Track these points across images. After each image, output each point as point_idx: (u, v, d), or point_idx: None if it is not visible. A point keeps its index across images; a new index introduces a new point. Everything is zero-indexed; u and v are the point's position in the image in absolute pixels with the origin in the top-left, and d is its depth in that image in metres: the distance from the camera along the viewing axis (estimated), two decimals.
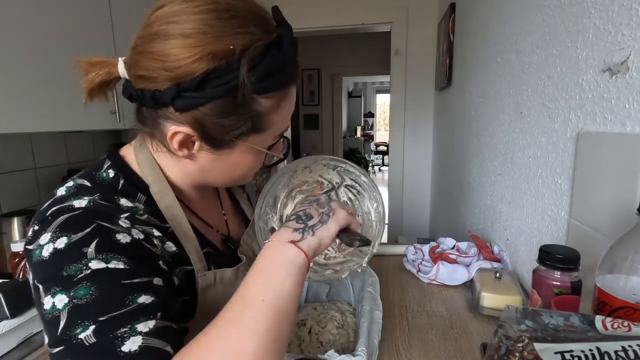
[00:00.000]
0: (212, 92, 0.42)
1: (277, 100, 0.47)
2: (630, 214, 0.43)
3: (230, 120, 0.45)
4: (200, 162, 0.51)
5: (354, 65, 4.81)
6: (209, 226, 0.61)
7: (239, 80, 0.42)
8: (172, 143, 0.47)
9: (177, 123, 0.45)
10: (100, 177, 0.50)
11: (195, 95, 0.42)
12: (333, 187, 0.63)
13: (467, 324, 0.69)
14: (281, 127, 0.51)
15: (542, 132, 0.77)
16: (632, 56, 0.50)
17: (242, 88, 0.42)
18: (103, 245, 0.41)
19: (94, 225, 0.42)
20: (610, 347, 0.33)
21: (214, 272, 0.54)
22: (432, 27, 2.27)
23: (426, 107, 2.40)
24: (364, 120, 8.11)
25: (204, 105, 0.43)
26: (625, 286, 0.39)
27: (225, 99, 0.43)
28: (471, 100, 1.38)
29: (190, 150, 0.49)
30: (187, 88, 0.42)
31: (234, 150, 0.49)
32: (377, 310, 0.62)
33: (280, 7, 0.51)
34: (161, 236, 0.49)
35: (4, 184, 1.38)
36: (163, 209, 0.52)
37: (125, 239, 0.43)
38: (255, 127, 0.47)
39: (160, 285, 0.43)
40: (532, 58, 0.82)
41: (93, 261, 0.39)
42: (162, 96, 0.43)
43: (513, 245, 0.91)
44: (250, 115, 0.46)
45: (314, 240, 0.45)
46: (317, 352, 0.59)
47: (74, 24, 1.28)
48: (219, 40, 0.41)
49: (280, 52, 0.44)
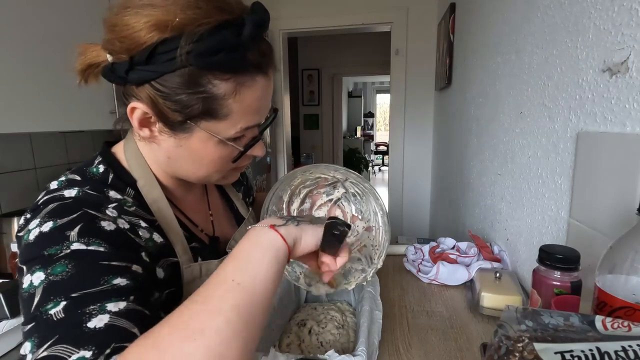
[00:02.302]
0: (161, 67, 0.43)
1: (234, 85, 0.46)
2: (630, 214, 0.43)
3: (181, 98, 0.45)
4: (164, 146, 0.51)
5: (354, 65, 4.81)
6: (194, 225, 0.62)
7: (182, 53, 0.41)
8: (132, 121, 0.48)
9: (135, 100, 0.46)
10: (91, 172, 0.52)
11: (146, 69, 0.43)
12: (338, 180, 0.63)
13: (467, 324, 0.69)
14: (245, 119, 0.49)
15: (542, 132, 0.77)
16: (632, 56, 0.50)
17: (185, 61, 0.42)
18: (86, 230, 0.42)
19: (81, 212, 0.44)
20: (610, 347, 0.33)
21: (199, 264, 0.55)
22: (432, 27, 2.27)
23: (426, 107, 2.40)
24: (364, 120, 8.11)
25: (155, 80, 0.44)
26: (625, 286, 0.39)
27: (175, 74, 0.43)
28: (471, 100, 1.38)
29: (153, 132, 0.49)
30: (139, 60, 0.43)
31: (192, 136, 0.48)
32: (377, 310, 0.62)
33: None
34: (148, 227, 0.51)
35: (4, 184, 1.38)
36: (149, 202, 0.53)
37: (110, 226, 0.44)
38: (209, 111, 0.46)
39: (138, 272, 0.44)
40: (532, 58, 0.82)
41: (75, 243, 0.41)
42: (118, 69, 0.44)
43: (513, 245, 0.91)
44: (203, 96, 0.45)
45: (295, 230, 0.44)
46: (317, 352, 0.59)
47: (74, 23, 1.28)
48: (169, 12, 0.42)
49: (236, 34, 0.43)
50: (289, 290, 0.70)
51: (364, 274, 0.61)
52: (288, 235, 0.43)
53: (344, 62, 4.81)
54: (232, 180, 0.59)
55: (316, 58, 4.82)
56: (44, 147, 1.56)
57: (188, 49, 0.41)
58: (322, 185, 0.64)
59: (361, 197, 0.62)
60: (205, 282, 0.39)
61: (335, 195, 0.65)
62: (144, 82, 0.44)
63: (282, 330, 0.65)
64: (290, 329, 0.64)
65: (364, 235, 0.62)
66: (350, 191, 0.63)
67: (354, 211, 0.65)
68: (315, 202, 0.66)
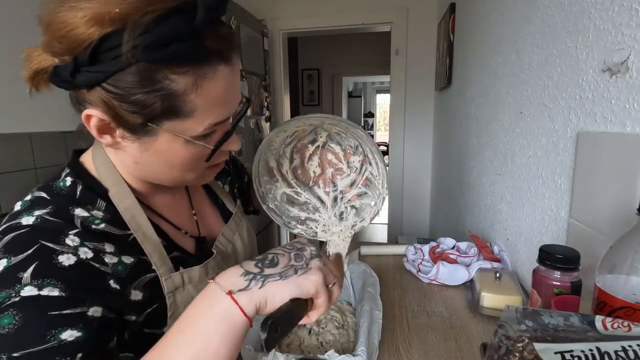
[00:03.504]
0: (109, 65, 0.38)
1: (194, 78, 0.41)
2: (630, 214, 0.43)
3: (137, 98, 0.40)
4: (130, 152, 0.46)
5: (354, 65, 4.81)
6: (177, 229, 0.58)
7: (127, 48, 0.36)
8: (90, 129, 0.43)
9: (90, 106, 0.41)
10: (58, 186, 0.48)
11: (92, 70, 0.38)
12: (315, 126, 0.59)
13: (467, 324, 0.69)
14: (212, 114, 0.45)
15: (542, 132, 0.77)
16: (632, 56, 0.50)
17: (132, 57, 0.37)
18: (41, 270, 0.39)
19: (37, 246, 0.40)
20: (610, 347, 0.33)
21: (180, 274, 0.52)
22: (432, 27, 2.27)
23: (426, 107, 2.40)
24: (364, 120, 8.11)
25: (105, 81, 0.39)
26: (625, 286, 0.39)
27: (126, 72, 0.38)
28: (471, 100, 1.38)
29: (114, 138, 0.44)
30: (83, 61, 0.38)
31: (156, 139, 0.44)
32: (377, 310, 0.62)
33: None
34: (115, 251, 0.46)
35: (4, 184, 1.38)
36: (122, 211, 0.49)
37: (69, 260, 0.41)
38: (171, 109, 0.41)
39: (95, 317, 0.41)
40: (532, 58, 0.82)
41: (27, 287, 0.38)
42: (62, 72, 0.39)
43: (513, 245, 0.91)
44: (161, 94, 0.40)
45: (258, 295, 0.38)
46: (317, 352, 0.59)
47: None
48: (107, 3, 0.36)
49: (188, 20, 0.38)
50: None
51: (375, 207, 0.60)
52: (248, 305, 0.38)
53: (344, 62, 4.82)
54: (209, 179, 0.56)
55: (316, 58, 4.82)
56: (44, 147, 1.56)
57: (134, 43, 0.36)
58: (303, 137, 0.61)
59: (345, 134, 0.60)
60: (154, 348, 0.37)
61: (320, 140, 0.62)
62: (93, 84, 0.40)
63: None
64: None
65: (363, 169, 0.61)
66: (333, 131, 0.60)
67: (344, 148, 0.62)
68: (304, 155, 0.63)
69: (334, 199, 0.63)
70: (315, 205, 0.63)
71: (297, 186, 0.63)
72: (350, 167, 0.62)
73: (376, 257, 1.03)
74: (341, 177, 0.63)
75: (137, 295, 0.47)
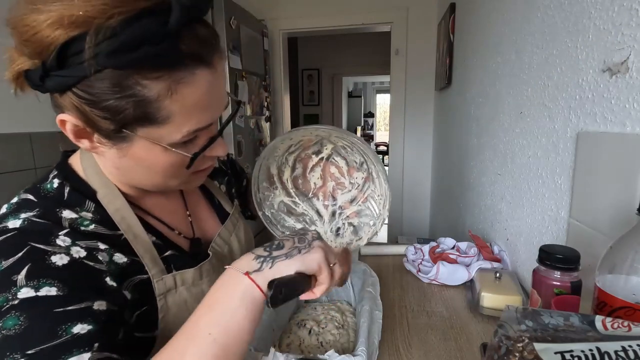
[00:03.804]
0: (77, 70, 0.36)
1: (168, 83, 0.39)
2: (630, 214, 0.43)
3: (109, 104, 0.38)
4: (109, 157, 0.46)
5: (354, 65, 4.81)
6: (171, 229, 0.57)
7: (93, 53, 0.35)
8: (67, 134, 0.42)
9: (64, 110, 0.41)
10: (45, 188, 0.47)
11: (61, 74, 0.37)
12: (322, 137, 0.59)
13: (467, 324, 0.69)
14: (191, 121, 0.43)
15: (542, 132, 0.77)
16: (632, 56, 0.50)
17: (96, 63, 0.35)
18: (35, 271, 0.38)
19: (27, 248, 0.39)
20: (610, 347, 0.33)
21: (172, 276, 0.51)
22: (432, 27, 2.27)
23: (426, 107, 2.40)
24: (364, 120, 8.11)
25: (75, 85, 0.38)
26: (625, 286, 0.39)
27: (96, 77, 0.37)
28: (471, 100, 1.38)
29: (92, 143, 0.43)
30: (51, 65, 0.36)
31: (132, 145, 0.43)
32: (377, 310, 0.62)
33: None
34: (108, 248, 0.46)
35: (4, 184, 1.38)
36: (112, 212, 0.48)
37: (62, 260, 0.40)
38: (144, 116, 0.40)
39: (101, 310, 0.40)
40: (532, 58, 0.82)
41: (23, 289, 0.37)
42: (33, 76, 0.38)
43: (513, 245, 0.91)
44: (133, 100, 0.39)
45: (271, 274, 0.41)
46: (317, 352, 0.59)
47: None
48: (72, 6, 0.35)
49: (161, 22, 0.36)
50: None
51: (374, 227, 0.59)
52: (264, 282, 0.40)
53: (344, 62, 4.82)
54: (196, 184, 0.55)
55: (316, 58, 4.82)
56: (44, 147, 1.56)
57: (96, 50, 0.35)
58: (308, 147, 0.61)
59: (352, 149, 0.59)
60: (179, 333, 0.38)
61: (325, 152, 0.61)
62: (63, 89, 0.39)
63: (282, 330, 0.65)
64: (290, 329, 0.64)
65: (365, 187, 0.61)
66: (339, 145, 0.59)
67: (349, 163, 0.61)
68: (306, 165, 0.62)
69: (332, 214, 0.62)
70: (312, 217, 0.63)
71: (296, 196, 0.63)
72: (353, 183, 0.61)
73: (376, 257, 1.03)
74: (342, 192, 0.62)
75: (127, 294, 0.47)
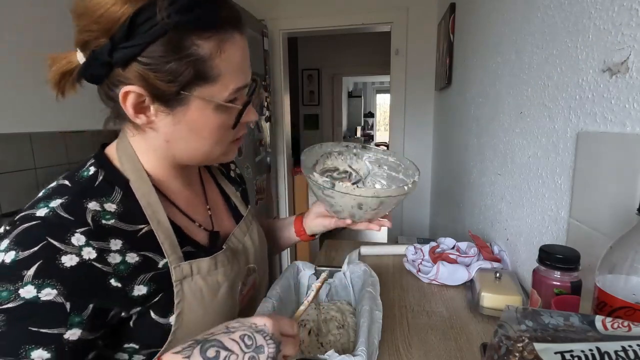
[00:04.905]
0: (143, 38, 0.42)
1: (217, 42, 0.46)
2: (630, 214, 0.43)
3: (171, 66, 0.44)
4: (162, 130, 0.50)
5: (354, 65, 4.81)
6: (191, 221, 0.60)
7: (161, 18, 0.42)
8: (126, 108, 0.47)
9: (125, 83, 0.45)
10: (81, 175, 0.51)
11: (128, 45, 0.42)
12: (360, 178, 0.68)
13: (467, 324, 0.69)
14: (235, 79, 0.50)
15: (542, 132, 0.77)
16: (632, 56, 0.50)
17: (167, 25, 0.42)
18: (43, 270, 0.41)
19: (43, 243, 0.42)
20: (610, 347, 0.33)
21: (189, 264, 0.53)
22: (432, 27, 2.27)
23: (426, 107, 2.40)
24: (364, 120, 8.10)
25: (141, 55, 0.43)
26: (625, 286, 0.39)
27: (158, 43, 0.43)
28: (471, 100, 1.38)
29: (149, 117, 0.48)
30: (120, 38, 0.42)
31: (189, 107, 0.48)
32: (377, 310, 0.62)
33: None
34: (121, 248, 0.47)
35: (4, 184, 1.38)
36: (139, 197, 0.51)
37: (71, 261, 0.43)
38: (201, 74, 0.46)
39: (70, 340, 0.42)
40: (532, 58, 0.82)
41: (27, 286, 0.40)
42: (101, 54, 0.43)
43: (513, 245, 0.91)
44: (191, 60, 0.45)
45: None
46: (317, 352, 0.59)
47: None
48: None
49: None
50: (289, 290, 0.70)
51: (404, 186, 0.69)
52: None
53: (344, 62, 4.81)
54: (231, 156, 0.59)
55: (316, 58, 4.82)
56: (44, 147, 1.55)
57: (166, 12, 0.42)
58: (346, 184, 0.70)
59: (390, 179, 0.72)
60: None
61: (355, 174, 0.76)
62: (130, 59, 0.44)
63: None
64: None
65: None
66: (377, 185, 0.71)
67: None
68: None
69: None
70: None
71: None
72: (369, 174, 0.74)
73: (376, 257, 1.03)
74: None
75: (140, 290, 0.48)
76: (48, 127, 1.20)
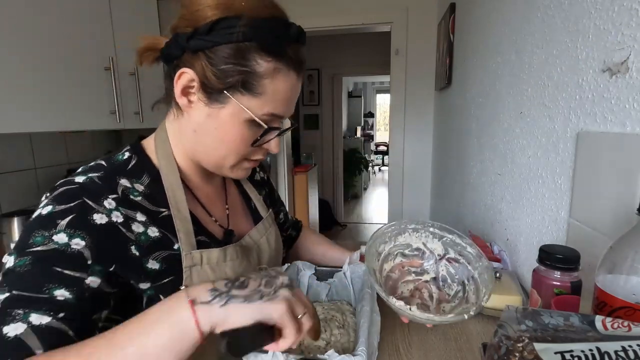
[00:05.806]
0: (218, 37, 0.49)
1: (274, 67, 0.52)
2: (630, 214, 0.43)
3: (227, 67, 0.50)
4: (194, 118, 0.55)
5: (354, 65, 4.80)
6: (209, 215, 0.63)
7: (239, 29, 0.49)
8: (176, 87, 0.52)
9: (186, 67, 0.52)
10: (116, 158, 0.57)
11: (204, 38, 0.50)
12: (435, 259, 0.66)
13: (467, 324, 0.69)
14: (274, 104, 0.54)
15: (542, 132, 0.77)
16: (632, 56, 0.50)
17: (240, 36, 0.49)
18: (76, 222, 0.46)
19: (79, 201, 0.48)
20: (610, 347, 0.33)
21: (199, 252, 0.56)
22: (432, 27, 2.26)
23: (426, 107, 2.40)
24: (364, 120, 8.10)
25: (210, 49, 0.50)
26: (625, 286, 0.39)
27: (227, 46, 0.50)
28: (471, 100, 1.38)
29: (190, 102, 0.54)
30: (202, 31, 0.49)
31: (225, 107, 0.53)
32: (377, 311, 0.62)
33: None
34: (145, 221, 0.53)
35: (4, 184, 1.38)
36: (166, 186, 0.57)
37: (102, 220, 0.48)
38: (247, 85, 0.51)
39: (90, 287, 0.46)
40: (532, 58, 0.82)
41: (60, 234, 0.45)
42: (181, 39, 0.51)
43: (513, 245, 0.91)
44: (245, 70, 0.51)
45: (218, 313, 0.38)
46: (317, 352, 0.59)
47: (74, 23, 1.28)
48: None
49: (284, 28, 0.52)
50: None
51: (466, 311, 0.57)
52: (205, 319, 0.37)
53: (344, 62, 4.81)
54: (240, 174, 0.61)
55: (316, 58, 4.82)
56: (44, 147, 1.56)
57: (244, 28, 0.49)
58: (416, 264, 0.67)
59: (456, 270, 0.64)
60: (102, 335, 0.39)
61: (424, 277, 0.67)
62: (200, 49, 0.50)
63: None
64: None
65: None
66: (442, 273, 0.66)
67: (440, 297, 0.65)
68: (403, 276, 0.68)
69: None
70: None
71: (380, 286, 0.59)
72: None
73: None
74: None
75: (154, 264, 0.53)
76: (48, 127, 1.19)
